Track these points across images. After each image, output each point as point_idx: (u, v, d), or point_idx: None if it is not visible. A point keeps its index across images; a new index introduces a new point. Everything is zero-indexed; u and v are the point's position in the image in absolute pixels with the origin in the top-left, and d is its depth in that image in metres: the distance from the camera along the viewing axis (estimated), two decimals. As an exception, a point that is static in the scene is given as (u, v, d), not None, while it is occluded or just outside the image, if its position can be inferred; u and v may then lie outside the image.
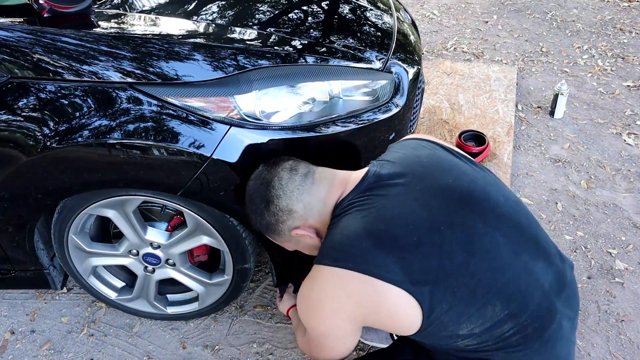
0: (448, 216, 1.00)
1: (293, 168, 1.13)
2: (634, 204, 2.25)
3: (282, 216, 1.11)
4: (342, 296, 0.98)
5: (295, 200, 1.10)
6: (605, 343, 1.69)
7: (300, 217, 1.11)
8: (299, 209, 1.10)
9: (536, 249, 1.05)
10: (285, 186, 1.10)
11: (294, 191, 1.10)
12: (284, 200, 1.10)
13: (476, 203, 1.03)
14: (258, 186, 1.14)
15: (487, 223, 1.01)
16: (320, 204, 1.10)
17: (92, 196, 1.39)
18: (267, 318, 1.79)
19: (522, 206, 1.11)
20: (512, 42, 3.67)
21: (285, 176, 1.11)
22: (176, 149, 1.25)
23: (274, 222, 1.13)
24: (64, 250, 1.56)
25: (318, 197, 1.10)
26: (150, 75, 1.27)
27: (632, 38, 3.69)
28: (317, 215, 1.11)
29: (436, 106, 2.81)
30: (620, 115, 2.83)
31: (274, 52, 1.38)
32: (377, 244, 0.96)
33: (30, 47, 1.25)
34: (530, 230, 1.07)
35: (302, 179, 1.11)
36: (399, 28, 1.74)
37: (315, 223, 1.12)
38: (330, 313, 1.02)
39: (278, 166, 1.14)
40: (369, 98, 1.45)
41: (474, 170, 1.11)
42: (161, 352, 1.69)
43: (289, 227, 1.12)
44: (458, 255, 0.96)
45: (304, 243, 1.17)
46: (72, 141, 1.25)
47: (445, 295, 0.95)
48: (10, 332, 1.77)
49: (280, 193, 1.10)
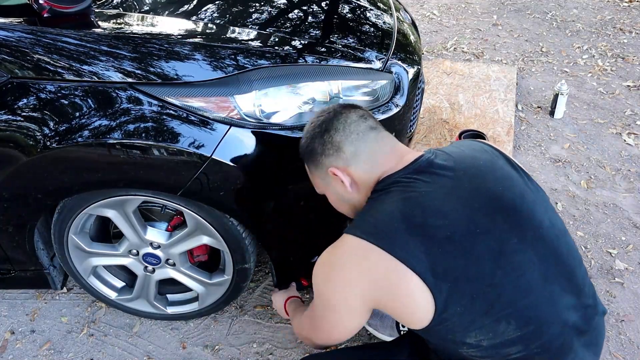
0: (487, 222, 0.97)
1: (364, 116, 1.13)
2: (634, 204, 2.25)
3: (330, 149, 1.10)
4: (361, 268, 0.97)
5: (349, 142, 1.09)
6: (605, 343, 1.69)
7: (345, 159, 1.09)
8: (348, 152, 1.08)
9: (568, 282, 1.01)
10: (348, 125, 1.10)
11: (352, 133, 1.09)
12: (340, 135, 1.09)
13: (519, 218, 1.00)
14: (326, 113, 1.14)
15: (524, 241, 0.98)
16: (370, 160, 1.08)
17: (92, 196, 1.39)
18: (267, 318, 1.79)
19: (568, 238, 1.07)
20: (512, 42, 3.67)
21: (354, 118, 1.11)
22: (176, 149, 1.25)
23: (320, 152, 1.11)
24: (64, 250, 1.56)
25: (371, 152, 1.09)
26: (150, 75, 1.27)
27: (632, 38, 3.69)
28: (361, 169, 1.09)
29: (436, 106, 2.81)
30: (620, 115, 2.83)
31: (274, 52, 1.38)
32: (410, 228, 0.95)
33: (31, 47, 1.25)
34: (568, 262, 1.03)
35: (367, 129, 1.10)
36: (399, 28, 1.74)
37: (355, 173, 1.09)
38: (345, 282, 1.00)
39: (353, 108, 1.14)
40: (369, 98, 1.45)
41: (528, 186, 1.08)
42: (161, 352, 1.69)
43: (330, 163, 1.11)
44: (485, 263, 0.94)
45: (334, 188, 1.14)
46: (72, 141, 1.25)
47: (461, 298, 0.93)
48: (10, 332, 1.77)
49: (341, 128, 1.09)
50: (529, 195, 1.06)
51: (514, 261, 0.96)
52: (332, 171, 1.10)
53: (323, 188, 1.19)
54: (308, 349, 1.68)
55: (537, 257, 0.98)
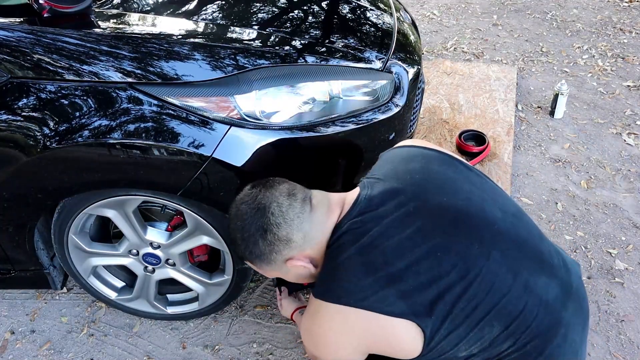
0: (443, 240, 0.98)
1: (291, 193, 1.04)
2: (634, 204, 2.25)
3: (279, 245, 1.02)
4: (346, 332, 0.98)
5: (296, 230, 1.01)
6: (605, 343, 1.69)
7: (298, 246, 1.03)
8: (298, 239, 1.02)
9: (538, 264, 1.03)
10: (285, 213, 1.01)
11: (294, 219, 1.01)
12: (284, 229, 1.00)
13: (472, 222, 1.01)
14: (252, 212, 1.02)
15: (483, 243, 0.99)
16: (319, 233, 1.03)
17: (92, 196, 1.39)
18: (267, 318, 1.79)
19: (522, 216, 1.08)
20: (512, 42, 3.67)
21: (285, 202, 1.02)
22: (176, 148, 1.25)
23: (268, 252, 1.03)
24: (64, 250, 1.56)
25: (317, 225, 1.03)
26: (150, 75, 1.27)
27: (632, 38, 3.69)
28: (314, 245, 1.04)
29: (436, 106, 2.81)
30: (620, 115, 2.83)
31: (274, 52, 1.38)
32: (378, 279, 0.95)
33: (31, 47, 1.25)
34: (531, 243, 1.05)
35: (302, 206, 1.02)
36: (399, 28, 1.74)
37: (312, 252, 1.05)
38: (335, 347, 1.01)
39: (274, 189, 1.04)
40: (369, 98, 1.45)
41: (470, 181, 1.08)
42: (161, 352, 1.69)
43: (284, 257, 1.04)
44: (455, 282, 0.95)
45: (295, 273, 1.09)
46: (72, 141, 1.25)
47: (444, 322, 0.94)
48: (10, 332, 1.77)
49: (281, 221, 1.00)
50: (474, 193, 1.05)
51: (481, 268, 0.97)
52: (290, 264, 1.04)
53: (280, 275, 1.13)
54: (308, 349, 1.68)
55: (501, 253, 0.99)
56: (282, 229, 1.01)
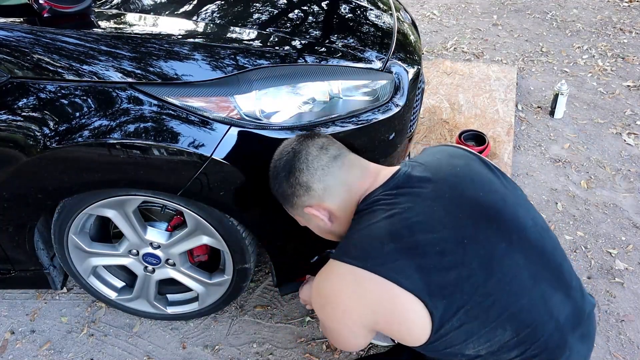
0: (473, 231, 0.97)
1: (324, 146, 1.10)
2: (634, 204, 2.25)
3: (299, 190, 1.09)
4: (355, 296, 0.96)
5: (317, 180, 1.07)
6: (606, 343, 1.69)
7: (317, 196, 1.08)
8: (318, 189, 1.08)
9: (557, 280, 1.02)
10: (310, 162, 1.08)
11: (317, 170, 1.07)
12: (305, 175, 1.08)
13: (503, 222, 1.00)
14: (286, 154, 1.12)
15: (511, 244, 0.98)
16: (343, 190, 1.07)
17: (92, 196, 1.39)
18: (267, 318, 1.79)
19: (550, 234, 1.08)
20: (512, 42, 3.67)
21: (314, 153, 1.09)
22: (176, 149, 1.25)
23: (290, 194, 1.11)
24: (64, 250, 1.56)
25: (342, 182, 1.08)
26: (150, 75, 1.27)
27: (632, 38, 3.69)
28: (337, 201, 1.08)
29: (436, 106, 2.81)
30: (620, 115, 2.83)
31: (274, 52, 1.38)
32: (400, 248, 0.94)
33: (30, 47, 1.25)
34: (554, 259, 1.04)
35: (330, 161, 1.08)
36: (399, 28, 1.74)
37: (332, 206, 1.09)
38: (342, 312, 1.00)
39: (311, 140, 1.12)
40: (369, 98, 1.45)
41: (506, 187, 1.08)
42: (161, 352, 1.69)
43: (303, 203, 1.10)
44: (477, 273, 0.94)
45: (315, 223, 1.15)
46: (72, 141, 1.25)
47: (457, 312, 0.93)
48: (10, 332, 1.77)
49: (304, 167, 1.08)
50: (509, 197, 1.06)
51: (504, 266, 0.96)
52: (307, 210, 1.10)
53: (305, 223, 1.19)
54: (308, 349, 1.68)
55: (525, 258, 0.99)
56: (304, 175, 1.08)
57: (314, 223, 1.16)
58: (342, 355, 1.66)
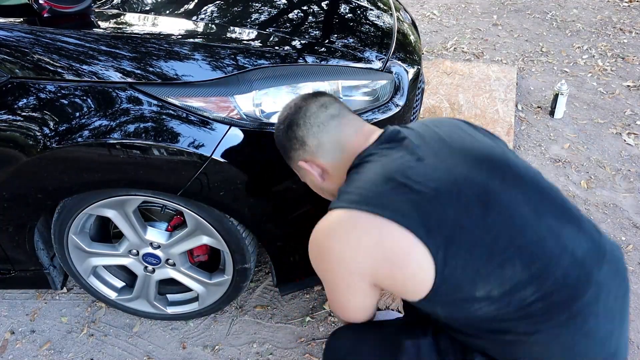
0: (465, 170, 0.97)
1: (324, 105, 1.13)
2: (634, 204, 2.25)
3: (295, 144, 1.13)
4: (352, 238, 0.94)
5: (312, 135, 1.11)
6: (605, 343, 1.69)
7: (311, 152, 1.12)
8: (312, 145, 1.11)
9: (564, 214, 0.98)
10: (307, 118, 1.12)
11: (313, 126, 1.11)
12: (302, 130, 1.11)
13: (494, 163, 1.00)
14: (289, 108, 1.16)
15: (506, 181, 0.97)
16: (335, 148, 1.10)
17: (92, 196, 1.39)
18: (267, 318, 1.79)
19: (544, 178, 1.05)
20: (512, 42, 3.67)
21: (313, 109, 1.12)
22: (176, 149, 1.25)
23: (288, 147, 1.15)
24: (64, 250, 1.56)
25: (336, 140, 1.10)
26: (150, 75, 1.27)
27: (632, 38, 3.69)
28: (329, 158, 1.11)
29: (436, 106, 2.81)
30: (620, 115, 2.83)
31: (274, 52, 1.38)
32: (395, 187, 0.94)
33: (30, 47, 1.25)
34: (556, 196, 1.01)
35: (328, 119, 1.11)
36: (399, 28, 1.74)
37: (325, 164, 1.12)
38: (339, 259, 0.96)
39: (314, 98, 1.15)
40: (369, 98, 1.45)
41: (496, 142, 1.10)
42: (161, 352, 1.69)
43: (298, 157, 1.14)
44: (474, 208, 0.92)
45: (309, 178, 1.18)
46: (72, 141, 1.25)
47: (459, 249, 0.90)
48: (10, 332, 1.77)
49: (301, 122, 1.12)
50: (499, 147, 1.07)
51: (502, 201, 0.94)
52: (301, 164, 1.14)
53: (302, 178, 1.23)
54: (308, 349, 1.68)
55: (523, 194, 0.97)
56: (300, 129, 1.12)
57: (308, 178, 1.19)
58: (342, 355, 1.66)
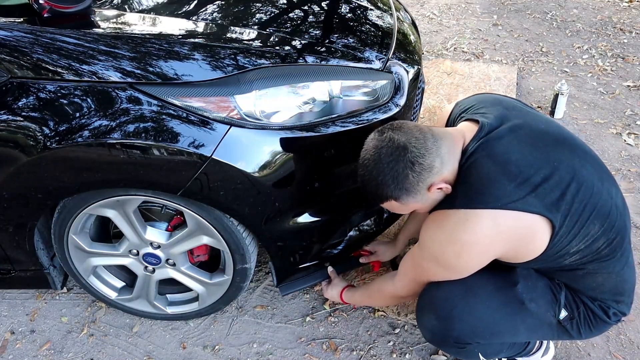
0: (555, 155, 1.18)
1: (417, 127, 1.20)
2: (634, 204, 2.25)
3: (424, 174, 1.17)
4: (494, 235, 1.13)
5: (435, 156, 1.17)
6: (605, 343, 1.69)
7: (438, 171, 1.18)
8: (438, 164, 1.17)
9: (608, 176, 1.26)
10: (424, 145, 1.16)
11: (432, 148, 1.17)
12: (427, 157, 1.16)
13: (567, 143, 1.23)
14: (396, 152, 1.16)
15: (580, 158, 1.21)
16: (451, 156, 1.20)
17: (92, 196, 1.39)
18: (267, 318, 1.79)
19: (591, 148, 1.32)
20: (512, 42, 3.67)
21: (420, 136, 1.17)
22: (176, 148, 1.25)
23: (416, 182, 1.17)
24: (64, 250, 1.56)
25: (448, 149, 1.19)
26: (150, 75, 1.27)
27: (632, 38, 3.69)
28: (449, 167, 1.19)
29: (436, 106, 2.81)
30: (620, 115, 2.83)
31: (274, 52, 1.38)
32: (516, 183, 1.12)
33: (30, 47, 1.25)
34: (601, 162, 1.28)
35: (433, 136, 1.18)
36: (399, 28, 1.74)
37: (448, 174, 1.20)
38: (479, 253, 1.17)
39: (405, 129, 1.19)
40: (369, 98, 1.45)
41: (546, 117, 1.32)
42: (161, 352, 1.69)
43: (427, 184, 1.18)
44: (571, 186, 1.15)
45: (433, 199, 1.22)
46: (72, 141, 1.25)
47: (565, 219, 1.14)
48: (10, 332, 1.77)
49: (424, 152, 1.16)
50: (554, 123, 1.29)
51: (584, 176, 1.18)
52: (432, 189, 1.18)
53: (420, 206, 1.24)
54: (308, 349, 1.68)
55: (591, 166, 1.22)
56: (426, 158, 1.17)
57: (430, 200, 1.23)
58: (342, 355, 1.66)
